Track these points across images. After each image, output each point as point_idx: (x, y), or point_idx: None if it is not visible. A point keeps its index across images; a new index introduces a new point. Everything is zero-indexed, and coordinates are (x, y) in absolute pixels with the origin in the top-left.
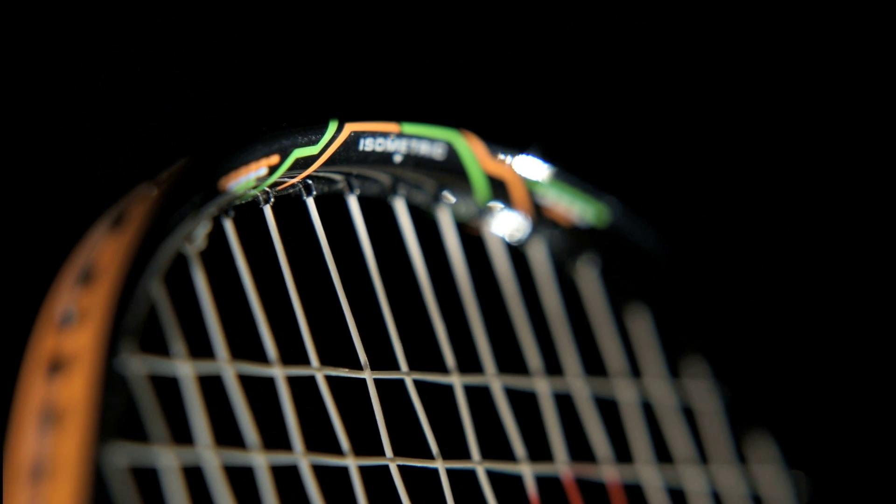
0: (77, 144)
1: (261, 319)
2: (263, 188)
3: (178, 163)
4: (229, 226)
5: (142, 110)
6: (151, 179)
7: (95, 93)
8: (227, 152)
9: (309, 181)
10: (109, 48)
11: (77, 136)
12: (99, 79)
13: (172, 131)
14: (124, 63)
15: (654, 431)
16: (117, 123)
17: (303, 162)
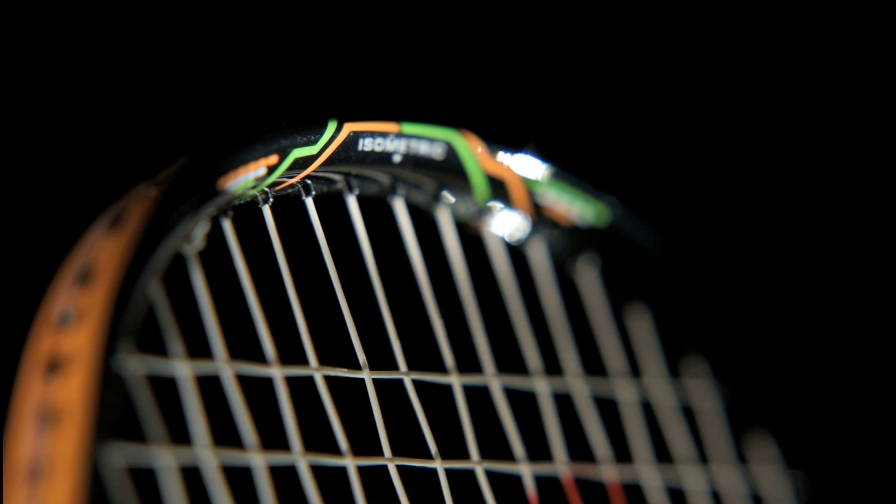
0: (77, 144)
1: (259, 319)
2: (262, 188)
3: (177, 163)
4: (228, 226)
5: (141, 110)
6: (150, 179)
7: (95, 93)
8: (226, 152)
9: (308, 181)
10: (109, 48)
11: (77, 136)
12: (99, 79)
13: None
14: (124, 63)
15: (654, 431)
16: (117, 123)
17: (302, 162)
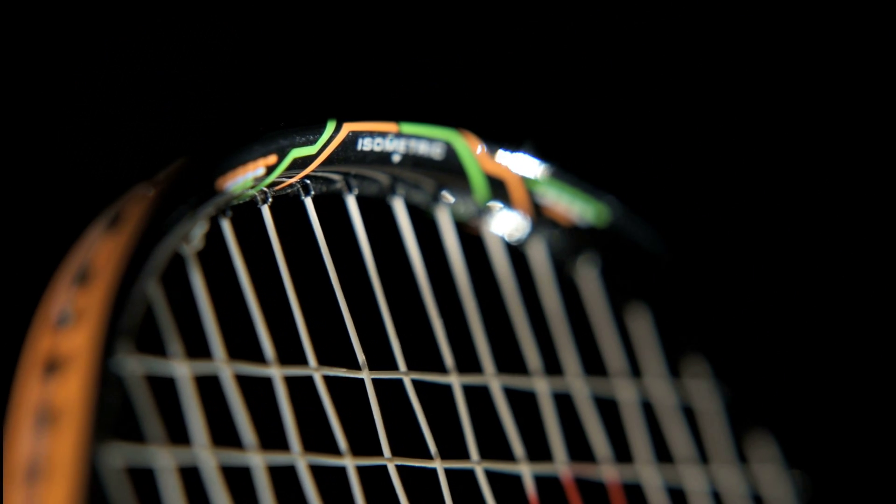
0: (76, 144)
1: (258, 319)
2: (261, 188)
3: (176, 163)
4: (227, 226)
5: (141, 110)
6: (149, 179)
7: (95, 93)
8: (225, 152)
9: (307, 181)
10: (109, 48)
11: (76, 136)
12: (99, 79)
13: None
14: (124, 63)
15: (654, 431)
16: (116, 123)
17: (301, 162)
